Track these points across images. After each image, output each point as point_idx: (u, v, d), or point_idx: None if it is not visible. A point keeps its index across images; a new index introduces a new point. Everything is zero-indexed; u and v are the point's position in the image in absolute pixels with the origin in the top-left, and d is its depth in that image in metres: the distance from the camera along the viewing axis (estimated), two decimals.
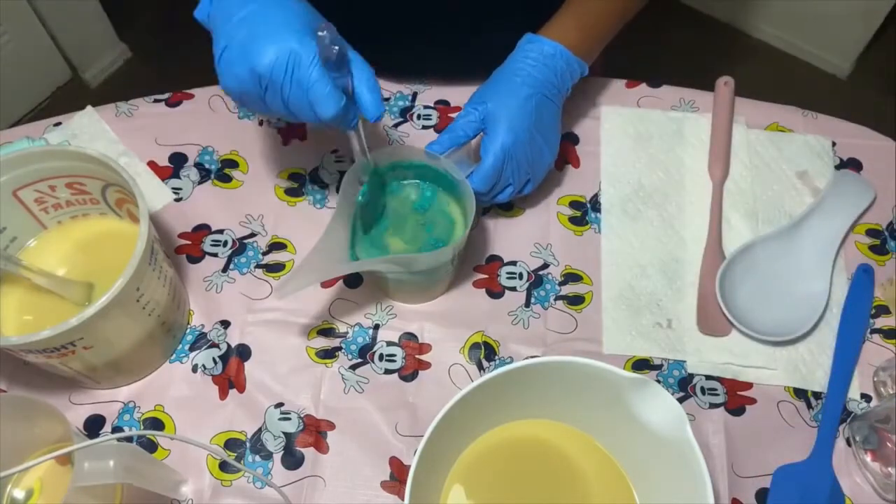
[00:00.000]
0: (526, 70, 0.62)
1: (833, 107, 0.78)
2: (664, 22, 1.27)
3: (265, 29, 0.48)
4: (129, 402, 0.59)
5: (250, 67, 0.48)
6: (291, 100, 0.49)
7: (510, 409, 0.55)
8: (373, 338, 0.63)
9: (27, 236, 0.60)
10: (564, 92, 0.64)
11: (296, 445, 0.58)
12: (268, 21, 0.49)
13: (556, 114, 0.64)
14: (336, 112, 0.49)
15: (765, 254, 0.66)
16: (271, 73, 0.48)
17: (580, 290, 0.65)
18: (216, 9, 0.51)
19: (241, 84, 0.50)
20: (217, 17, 0.51)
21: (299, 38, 0.48)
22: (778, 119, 0.74)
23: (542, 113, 0.62)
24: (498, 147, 0.60)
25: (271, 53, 0.48)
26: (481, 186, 0.60)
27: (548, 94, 0.62)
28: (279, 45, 0.48)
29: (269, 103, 0.51)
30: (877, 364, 0.62)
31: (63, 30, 1.56)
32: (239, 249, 0.66)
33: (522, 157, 0.61)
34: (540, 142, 0.62)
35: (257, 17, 0.49)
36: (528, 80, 0.62)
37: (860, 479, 0.58)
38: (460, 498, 0.54)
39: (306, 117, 0.50)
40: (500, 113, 0.60)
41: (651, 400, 0.48)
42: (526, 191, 0.65)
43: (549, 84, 0.62)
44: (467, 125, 0.61)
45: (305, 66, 0.48)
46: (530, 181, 0.64)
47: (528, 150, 0.61)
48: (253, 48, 0.48)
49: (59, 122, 0.71)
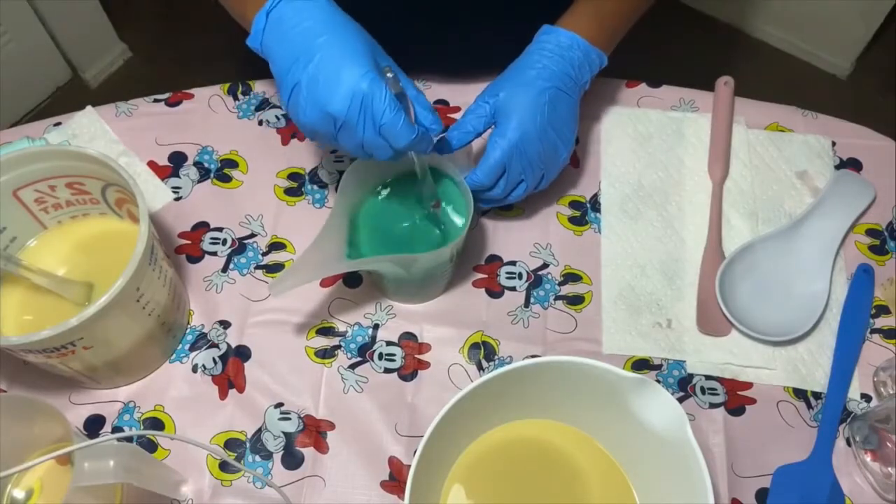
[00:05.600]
0: (542, 62, 0.60)
1: (833, 107, 0.78)
2: (664, 22, 1.27)
3: (334, 68, 0.48)
4: (129, 402, 0.59)
5: (323, 109, 0.49)
6: (367, 138, 0.49)
7: (510, 409, 0.55)
8: (372, 337, 0.63)
9: (27, 236, 0.60)
10: (582, 85, 0.62)
11: (296, 445, 0.58)
12: (335, 59, 0.48)
13: (573, 108, 0.62)
14: (409, 141, 0.49)
15: (765, 254, 0.66)
16: (346, 114, 0.48)
17: (580, 290, 0.65)
18: (272, 38, 0.51)
19: (313, 124, 0.50)
20: (276, 48, 0.50)
21: (370, 79, 0.48)
22: (778, 119, 0.74)
23: (556, 107, 0.60)
24: (505, 141, 0.58)
25: (345, 95, 0.48)
26: (484, 179, 0.59)
27: (563, 88, 0.60)
28: (352, 87, 0.48)
29: (341, 142, 0.51)
30: (877, 364, 0.62)
31: (63, 30, 1.56)
32: (238, 249, 0.66)
33: (533, 152, 0.59)
34: (553, 137, 0.60)
35: (324, 54, 0.48)
36: (544, 72, 0.60)
37: (860, 479, 0.58)
38: (460, 498, 0.54)
39: (381, 153, 0.51)
40: (512, 106, 0.59)
41: (651, 400, 0.48)
42: (542, 186, 0.63)
43: (566, 77, 0.60)
44: (477, 120, 0.60)
45: (379, 106, 0.48)
46: (544, 177, 0.62)
47: (540, 146, 0.59)
48: (324, 89, 0.48)
49: (59, 122, 0.71)
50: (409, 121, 0.49)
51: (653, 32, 0.64)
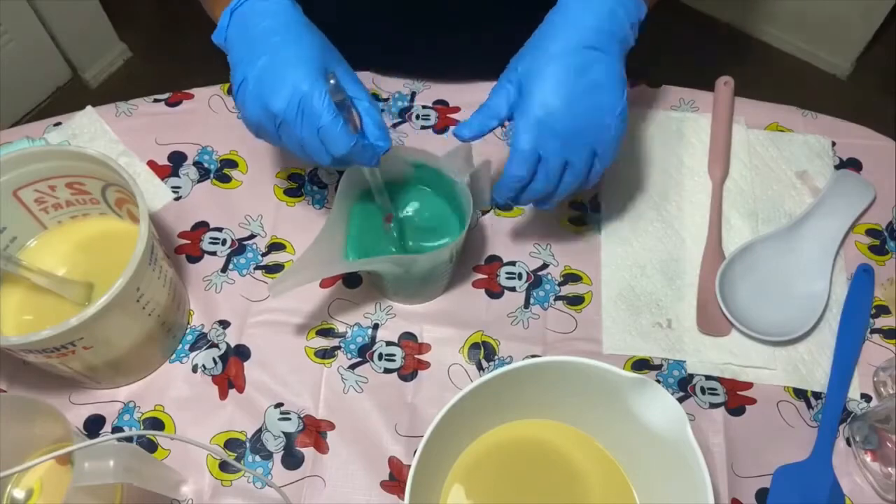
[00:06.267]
0: (568, 21, 0.52)
1: (833, 107, 0.78)
2: (664, 22, 1.27)
3: (281, 67, 0.49)
4: (129, 402, 0.59)
5: (265, 106, 0.49)
6: (306, 140, 0.49)
7: (510, 409, 0.55)
8: (372, 337, 0.63)
9: (27, 236, 0.60)
10: (622, 39, 0.52)
11: (296, 445, 0.58)
12: (283, 59, 0.49)
13: (612, 66, 0.52)
14: (347, 150, 0.49)
15: (765, 254, 0.66)
16: (285, 113, 0.48)
17: (580, 291, 0.65)
18: (234, 34, 0.51)
19: (257, 120, 0.50)
20: (235, 44, 0.51)
21: (312, 80, 0.48)
22: (778, 119, 0.74)
23: (587, 70, 0.51)
24: (529, 122, 0.51)
25: (285, 95, 0.48)
26: (518, 171, 0.52)
27: (595, 45, 0.51)
28: (292, 86, 0.48)
29: (283, 141, 0.51)
30: (877, 364, 0.62)
31: (63, 30, 1.56)
32: (238, 250, 0.66)
33: (567, 128, 0.51)
34: (589, 106, 0.51)
35: (274, 53, 0.49)
36: (566, 32, 0.51)
37: (860, 479, 0.58)
38: (460, 498, 0.54)
39: (320, 158, 0.50)
40: (532, 80, 0.51)
41: (651, 400, 0.48)
42: (598, 169, 0.54)
43: (596, 32, 0.51)
44: (499, 102, 0.53)
45: (317, 109, 0.48)
46: (598, 156, 0.53)
47: (573, 120, 0.51)
48: (268, 88, 0.49)
49: (59, 122, 0.71)
50: (348, 129, 0.49)
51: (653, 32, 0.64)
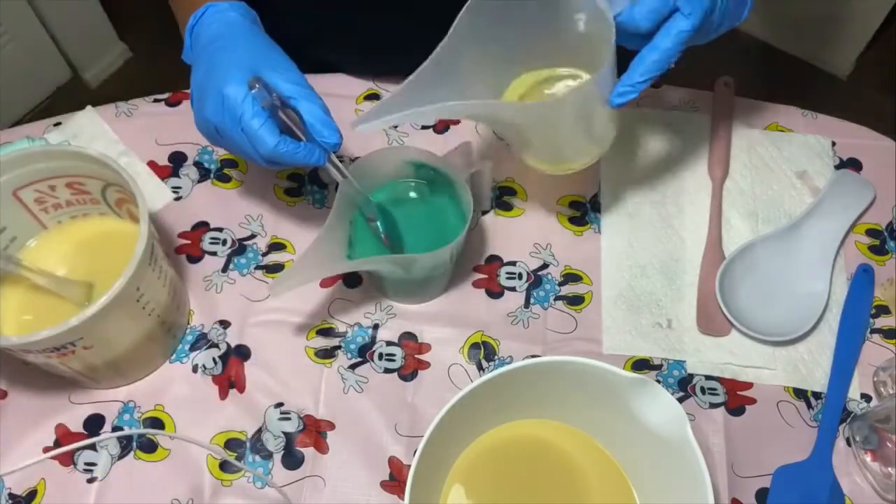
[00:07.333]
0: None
1: (833, 107, 0.78)
2: None
3: (212, 75, 0.50)
4: (129, 402, 0.59)
5: (202, 114, 0.51)
6: (237, 142, 0.50)
7: (510, 409, 0.55)
8: (372, 337, 0.63)
9: (27, 236, 0.60)
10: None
11: (296, 445, 0.58)
12: (215, 67, 0.51)
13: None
14: (271, 148, 0.49)
15: (765, 254, 0.66)
16: (215, 118, 0.50)
17: (580, 291, 0.65)
18: (195, 52, 0.54)
19: (203, 128, 0.53)
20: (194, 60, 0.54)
21: (236, 84, 0.49)
22: (778, 119, 0.74)
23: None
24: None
25: (213, 101, 0.50)
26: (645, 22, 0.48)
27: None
28: (216, 91, 0.49)
29: (225, 145, 0.53)
30: (877, 364, 0.62)
31: (63, 30, 1.55)
32: (238, 250, 0.66)
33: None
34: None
35: (210, 62, 0.51)
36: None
37: (860, 479, 0.58)
38: (460, 498, 0.54)
39: (254, 159, 0.51)
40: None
41: (651, 400, 0.48)
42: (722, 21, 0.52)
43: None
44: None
45: (238, 110, 0.49)
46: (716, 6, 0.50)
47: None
48: (203, 95, 0.51)
49: (59, 122, 0.71)
50: (271, 128, 0.49)
51: None
